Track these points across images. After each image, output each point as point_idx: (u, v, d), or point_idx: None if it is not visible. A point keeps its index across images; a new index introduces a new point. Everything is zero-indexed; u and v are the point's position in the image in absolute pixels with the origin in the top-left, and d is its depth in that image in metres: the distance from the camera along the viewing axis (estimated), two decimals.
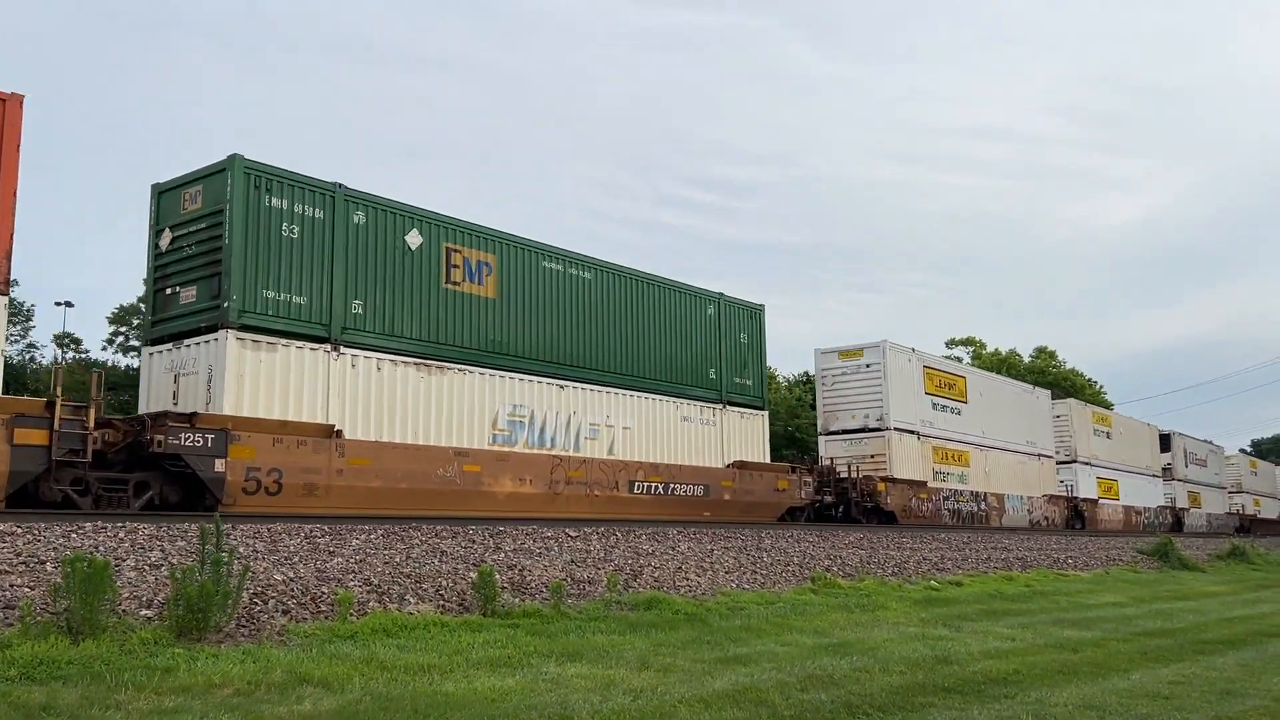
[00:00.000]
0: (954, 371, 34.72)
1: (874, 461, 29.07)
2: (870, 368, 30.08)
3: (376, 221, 17.35)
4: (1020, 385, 40.24)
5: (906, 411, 30.21)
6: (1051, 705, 7.86)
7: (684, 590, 14.09)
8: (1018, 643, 11.61)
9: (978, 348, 75.34)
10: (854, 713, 7.31)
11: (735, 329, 25.35)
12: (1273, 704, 8.33)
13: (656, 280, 23.30)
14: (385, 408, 16.96)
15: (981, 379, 36.39)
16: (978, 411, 34.24)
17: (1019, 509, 35.68)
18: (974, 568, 21.33)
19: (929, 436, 31.30)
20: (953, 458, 32.39)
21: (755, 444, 25.28)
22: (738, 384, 24.99)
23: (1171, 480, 53.79)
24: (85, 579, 8.02)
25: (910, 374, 30.89)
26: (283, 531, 12.13)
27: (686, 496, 21.99)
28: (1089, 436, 44.21)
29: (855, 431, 30.11)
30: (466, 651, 9.02)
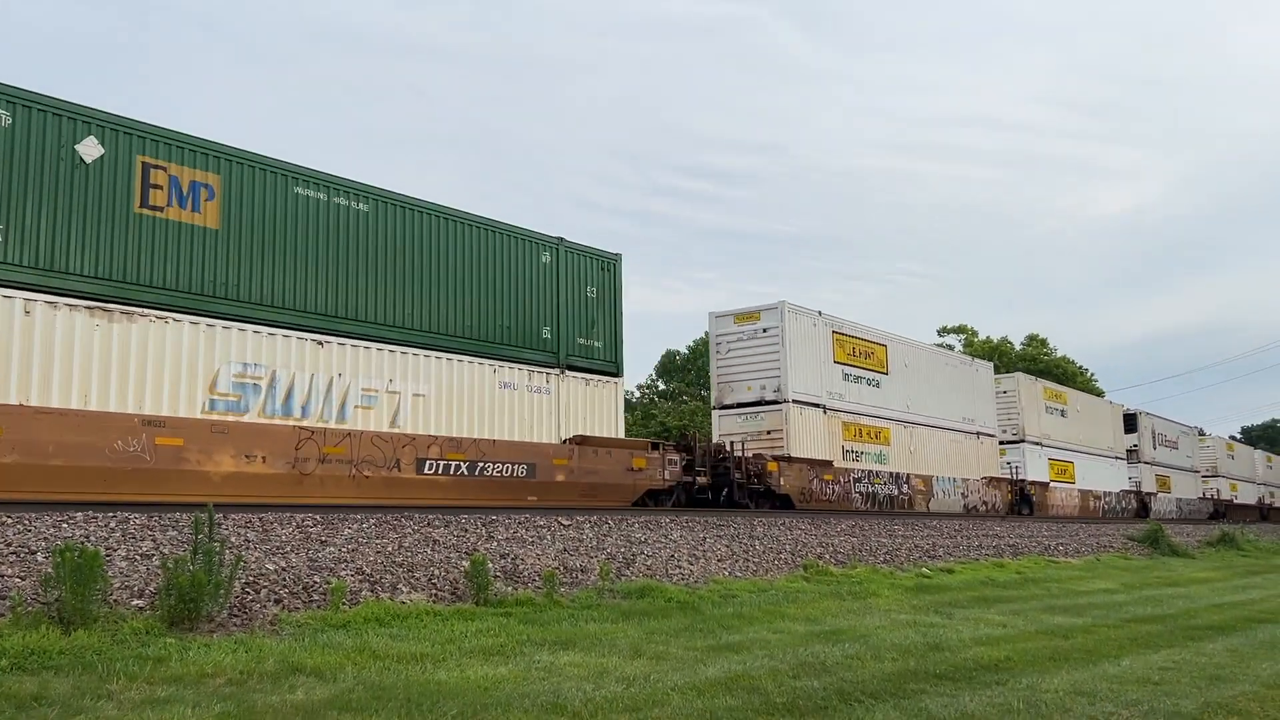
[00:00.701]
0: (871, 339, 30.24)
1: (770, 438, 25.65)
2: (767, 332, 26.36)
3: (31, 124, 13.67)
4: (956, 357, 36.22)
5: (810, 382, 26.67)
6: (1043, 691, 7.89)
7: (677, 578, 14.12)
8: (1009, 629, 11.66)
9: (969, 336, 75.48)
10: (846, 700, 7.34)
11: (580, 281, 21.41)
12: (1262, 689, 8.39)
13: (466, 219, 19.27)
14: (37, 363, 13.26)
15: (907, 349, 32.07)
16: (901, 384, 30.85)
17: (950, 492, 32.40)
18: (966, 555, 21.41)
19: (838, 411, 27.70)
20: (869, 435, 28.92)
21: (605, 415, 21.42)
22: (583, 346, 21.16)
23: (1138, 463, 50.62)
24: (76, 569, 8.00)
25: (815, 340, 27.29)
26: (274, 521, 12.12)
27: (501, 478, 18.28)
28: (1039, 414, 40.64)
29: (751, 405, 26.41)
30: (459, 640, 9.03)
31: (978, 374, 36.32)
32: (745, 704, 7.06)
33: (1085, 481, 43.17)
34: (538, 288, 20.49)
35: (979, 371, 36.66)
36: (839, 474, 26.98)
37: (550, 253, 20.95)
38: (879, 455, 29.29)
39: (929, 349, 34.76)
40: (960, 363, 35.97)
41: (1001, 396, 38.59)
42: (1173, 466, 55.15)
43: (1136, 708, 7.40)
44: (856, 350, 29.30)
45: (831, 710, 7.02)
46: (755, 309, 26.71)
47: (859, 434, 28.63)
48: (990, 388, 36.81)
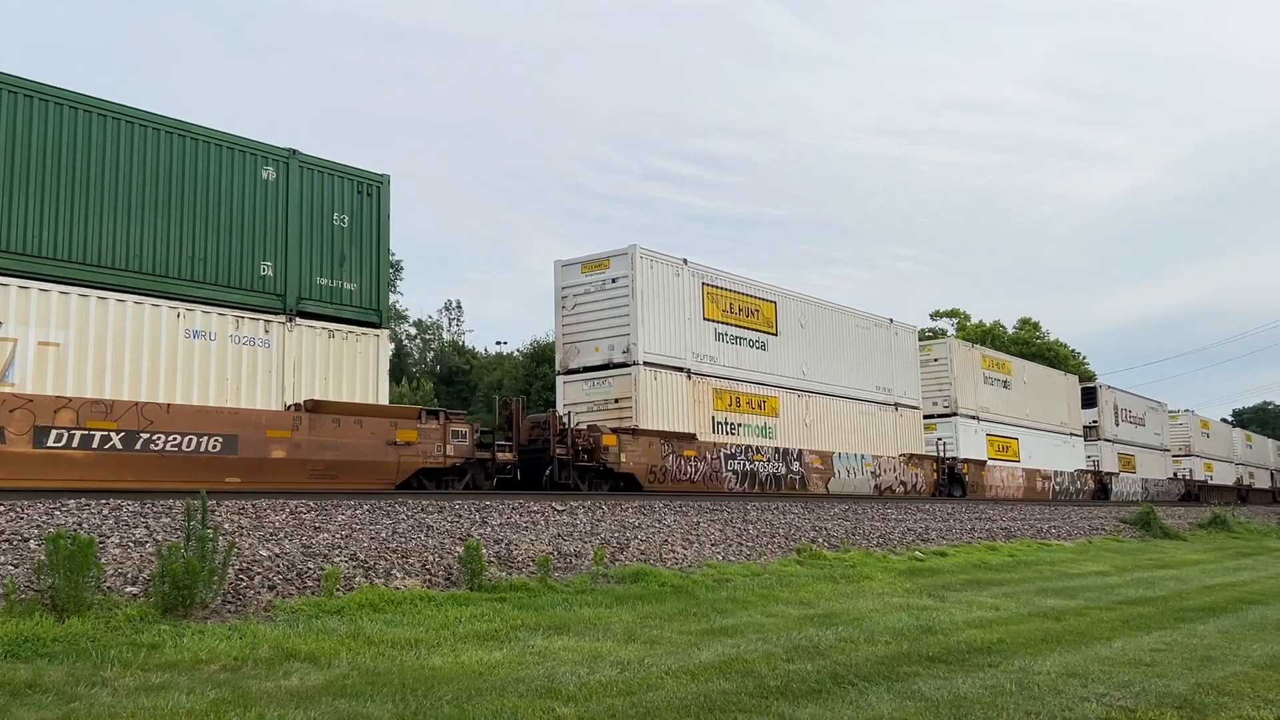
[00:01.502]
0: (756, 294, 25.89)
1: (619, 409, 21.87)
2: (617, 283, 22.34)
3: None
4: (871, 318, 30.86)
5: (670, 341, 22.73)
6: (1035, 673, 7.93)
7: (670, 563, 14.15)
8: (1001, 612, 11.71)
9: (962, 320, 75.61)
10: (840, 683, 7.37)
11: (323, 206, 16.96)
12: (1252, 670, 8.44)
13: (142, 118, 15.07)
14: None
15: (803, 306, 27.68)
16: (796, 347, 26.89)
17: (857, 471, 28.48)
18: (958, 538, 21.50)
19: (707, 376, 23.66)
20: (751, 405, 24.90)
21: (360, 376, 17.08)
22: (325, 288, 16.77)
23: (1097, 440, 46.41)
24: (69, 556, 8.00)
25: (678, 292, 23.27)
26: (268, 507, 12.11)
27: (180, 453, 14.32)
28: (976, 385, 36.11)
29: (598, 369, 22.45)
30: (453, 625, 9.04)
31: (897, 338, 31.97)
32: (739, 687, 7.08)
33: (1032, 460, 39.04)
34: (254, 211, 16.18)
35: (899, 336, 32.14)
36: (705, 450, 22.98)
37: (276, 167, 16.56)
38: (763, 429, 25.23)
39: (834, 308, 29.35)
40: (875, 325, 30.97)
41: (931, 365, 34.70)
42: (1139, 444, 51.37)
43: (1128, 689, 7.44)
44: (735, 306, 25.08)
45: (825, 693, 7.05)
46: (604, 255, 22.79)
47: (735, 403, 24.46)
48: (914, 355, 32.78)
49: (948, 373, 34.86)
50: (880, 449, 29.96)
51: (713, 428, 23.71)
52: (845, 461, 28.04)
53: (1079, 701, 6.98)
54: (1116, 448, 48.27)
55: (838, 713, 6.51)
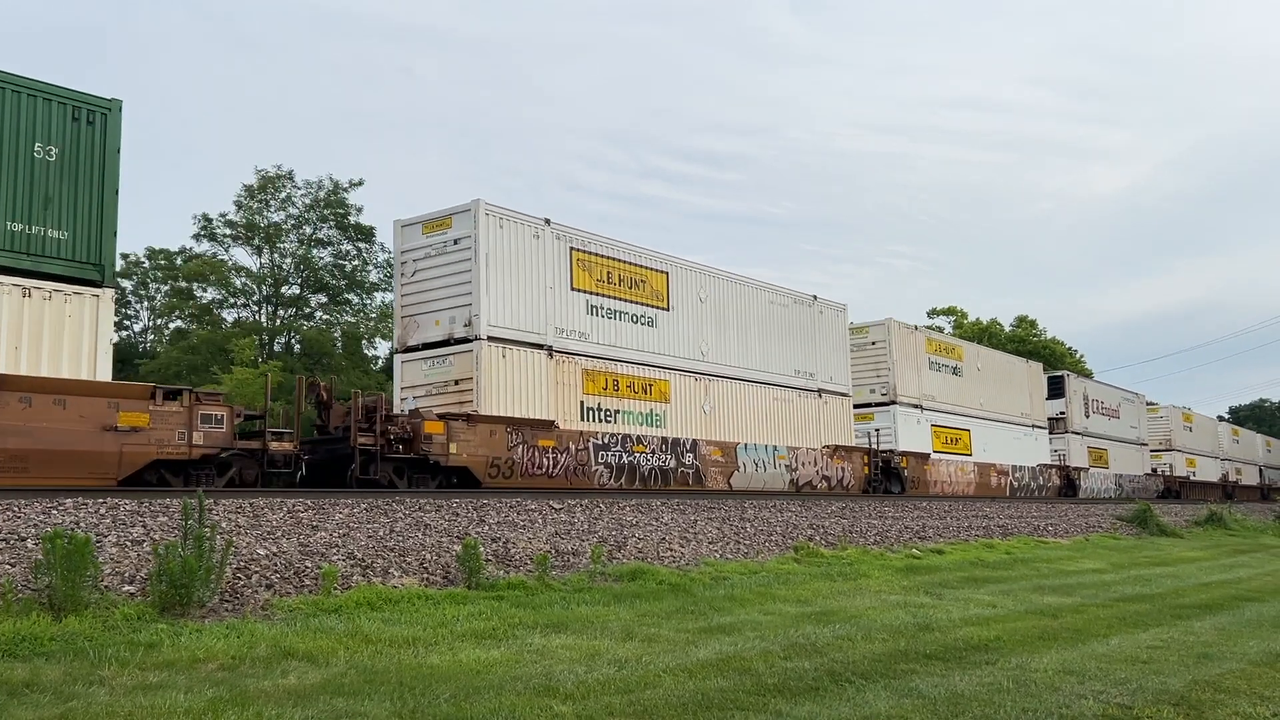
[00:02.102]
0: (641, 263, 22.63)
1: (459, 391, 18.73)
2: (459, 245, 19.11)
3: None
4: (790, 295, 27.53)
5: (523, 313, 19.60)
6: (1032, 671, 7.95)
7: (668, 561, 14.16)
8: (999, 610, 11.73)
9: (959, 317, 75.66)
10: (837, 680, 7.38)
11: (17, 134, 13.78)
12: (1248, 667, 8.46)
13: None
14: None
15: (702, 278, 24.43)
16: (691, 323, 23.75)
17: (768, 464, 25.07)
18: (955, 536, 21.52)
19: (576, 354, 20.51)
20: (633, 389, 21.71)
21: (70, 346, 13.95)
22: (18, 235, 13.67)
23: (1064, 433, 43.42)
24: (66, 555, 7.99)
25: (538, 257, 20.06)
26: (265, 507, 12.10)
27: None
28: (920, 372, 32.92)
29: (438, 346, 19.26)
30: (451, 624, 9.04)
31: (822, 317, 28.69)
32: (737, 685, 7.09)
33: (987, 453, 35.91)
34: None
35: (824, 315, 28.80)
36: (568, 440, 19.75)
37: None
38: (650, 416, 22.05)
39: (743, 281, 26.02)
40: (796, 302, 27.62)
41: (867, 349, 31.69)
42: (1112, 438, 48.18)
43: (1125, 686, 7.46)
44: (615, 276, 21.82)
45: (823, 691, 7.06)
46: (446, 212, 19.58)
47: (613, 387, 21.25)
48: (843, 336, 29.60)
49: (886, 357, 31.63)
50: (799, 440, 26.52)
51: (582, 414, 20.44)
52: (753, 454, 24.58)
53: (1076, 699, 6.99)
54: (1086, 441, 45.14)
55: (835, 710, 6.51)
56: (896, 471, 30.32)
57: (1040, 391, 41.55)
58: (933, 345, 34.40)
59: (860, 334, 31.72)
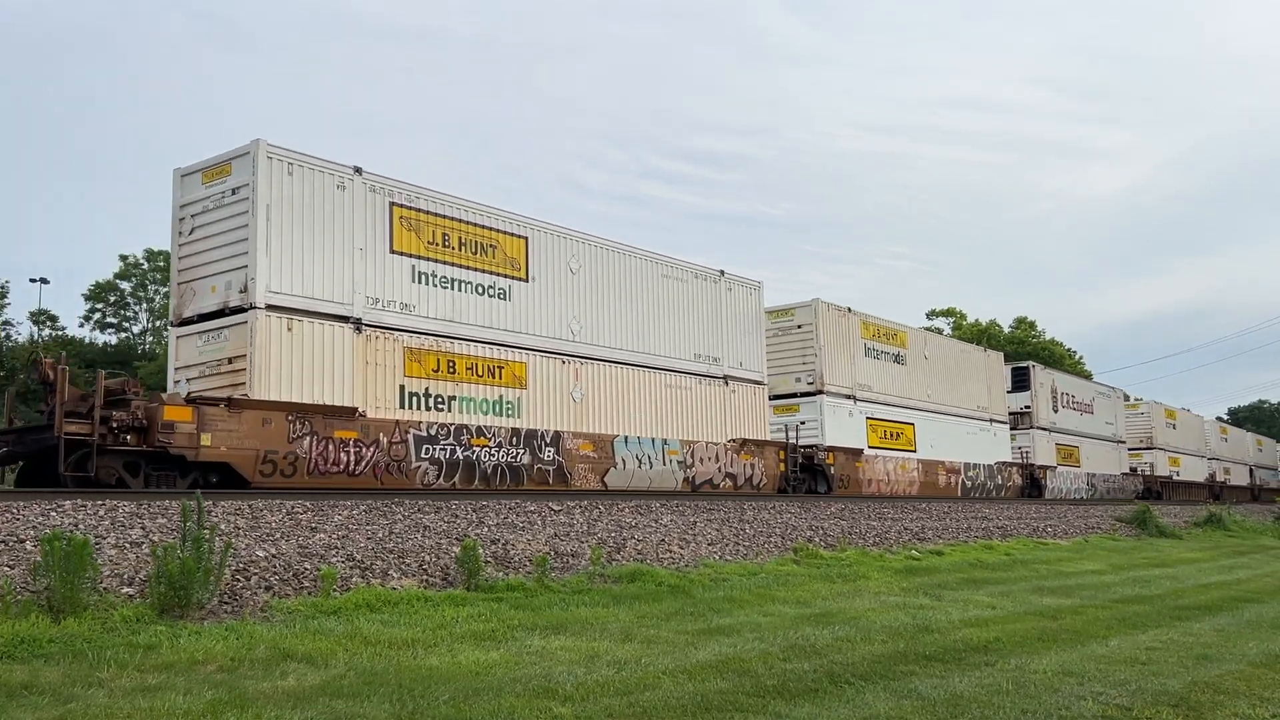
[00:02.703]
0: (489, 225, 19.33)
1: (233, 370, 15.50)
2: (237, 195, 15.93)
3: None
4: (688, 268, 24.14)
5: (321, 279, 16.32)
6: (1031, 672, 7.95)
7: (667, 562, 14.15)
8: (998, 611, 11.73)
9: (959, 318, 75.71)
10: (836, 682, 7.38)
11: None
12: (1248, 668, 8.46)
13: None
14: None
15: (573, 245, 21.18)
16: (558, 297, 20.55)
17: (657, 460, 21.81)
18: (955, 537, 21.52)
19: (395, 329, 17.28)
20: (476, 371, 18.52)
21: None
22: None
23: (1029, 428, 40.31)
24: (65, 557, 7.98)
25: (343, 213, 16.82)
26: (264, 508, 12.10)
27: None
28: (854, 359, 29.65)
29: (214, 316, 15.99)
30: (450, 625, 9.04)
31: (731, 295, 25.32)
32: (736, 687, 7.09)
33: (935, 450, 32.71)
34: None
35: (733, 292, 25.41)
36: (378, 430, 16.61)
37: None
38: (500, 404, 18.85)
39: (629, 251, 22.74)
40: (697, 277, 24.37)
41: (791, 334, 28.53)
42: (1084, 435, 44.76)
43: (1124, 688, 7.46)
44: (453, 238, 18.61)
45: (822, 692, 7.06)
46: (227, 156, 16.31)
47: (448, 368, 18.13)
48: (758, 317, 26.22)
49: (812, 342, 28.27)
50: (698, 433, 23.29)
51: (402, 400, 17.25)
52: (635, 448, 21.32)
53: (1075, 700, 6.99)
54: (1055, 437, 41.88)
55: (835, 712, 6.51)
56: (821, 469, 27.04)
57: (1001, 383, 38.13)
58: (870, 330, 30.83)
59: (783, 316, 28.61)
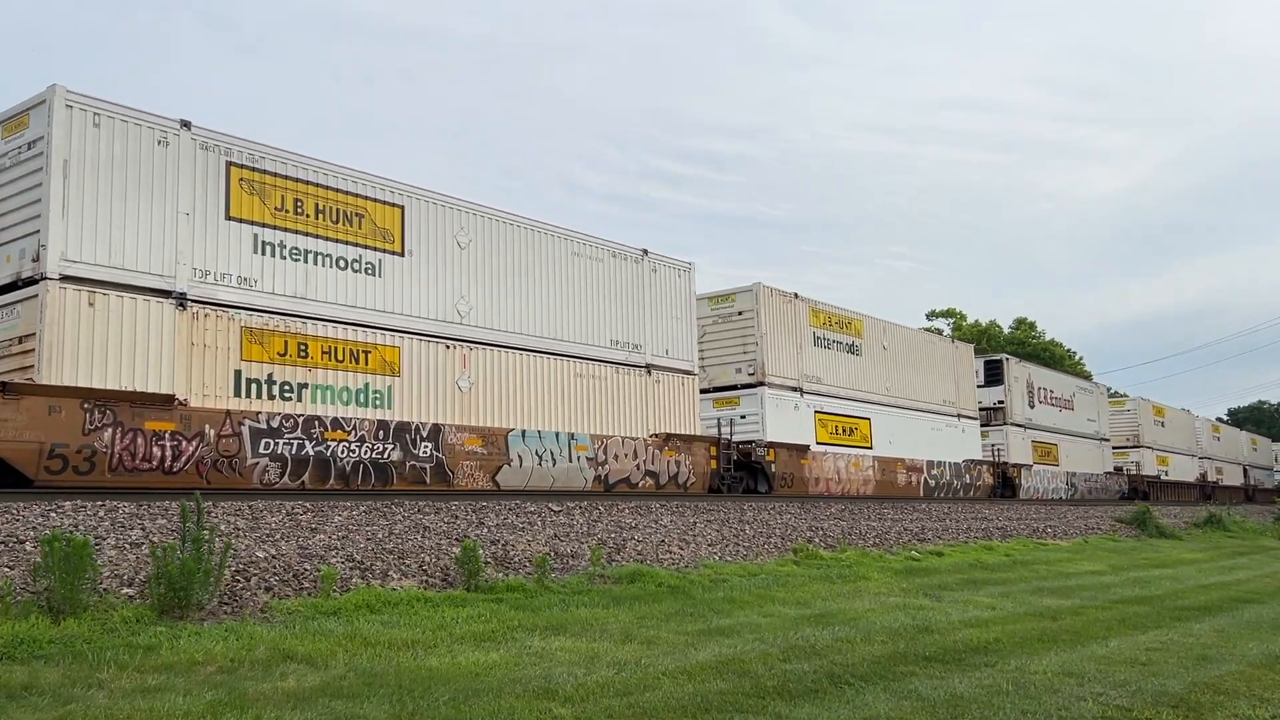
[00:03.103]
0: (355, 192, 17.02)
1: (23, 351, 13.57)
2: (33, 149, 13.93)
3: None
4: (604, 246, 21.84)
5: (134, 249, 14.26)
6: (1031, 673, 7.95)
7: (667, 563, 14.16)
8: (998, 611, 11.73)
9: (958, 319, 75.69)
10: (836, 682, 7.38)
11: None
12: (1248, 669, 8.46)
13: None
14: None
15: (464, 217, 18.84)
16: (443, 275, 18.17)
17: (561, 456, 19.49)
18: (955, 538, 21.52)
19: (229, 306, 15.22)
20: (338, 357, 16.40)
21: None
22: None
23: (1003, 424, 38.14)
24: (65, 558, 7.98)
25: (168, 173, 14.79)
26: (264, 509, 12.10)
27: None
28: (801, 348, 27.21)
29: (8, 289, 14.07)
30: (450, 626, 9.04)
31: (656, 276, 22.96)
32: (736, 687, 7.09)
33: (894, 446, 30.61)
34: None
35: (658, 273, 23.05)
36: (203, 421, 14.53)
37: None
38: (364, 393, 16.58)
39: (532, 226, 20.37)
40: (614, 256, 22.05)
41: (732, 320, 26.29)
42: (1064, 431, 42.52)
43: (1124, 688, 7.46)
44: (308, 205, 16.40)
45: (822, 693, 7.06)
46: (25, 106, 14.35)
47: (298, 352, 15.91)
48: (688, 301, 23.78)
49: (753, 330, 25.89)
50: (615, 427, 21.03)
51: (238, 388, 15.20)
52: (536, 443, 19.08)
53: (1075, 701, 6.99)
54: (1031, 434, 39.65)
55: (834, 712, 6.51)
56: (760, 467, 24.70)
57: (970, 377, 35.94)
58: (820, 318, 28.39)
59: (723, 303, 26.48)
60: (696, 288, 24.53)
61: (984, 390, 38.12)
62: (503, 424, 18.76)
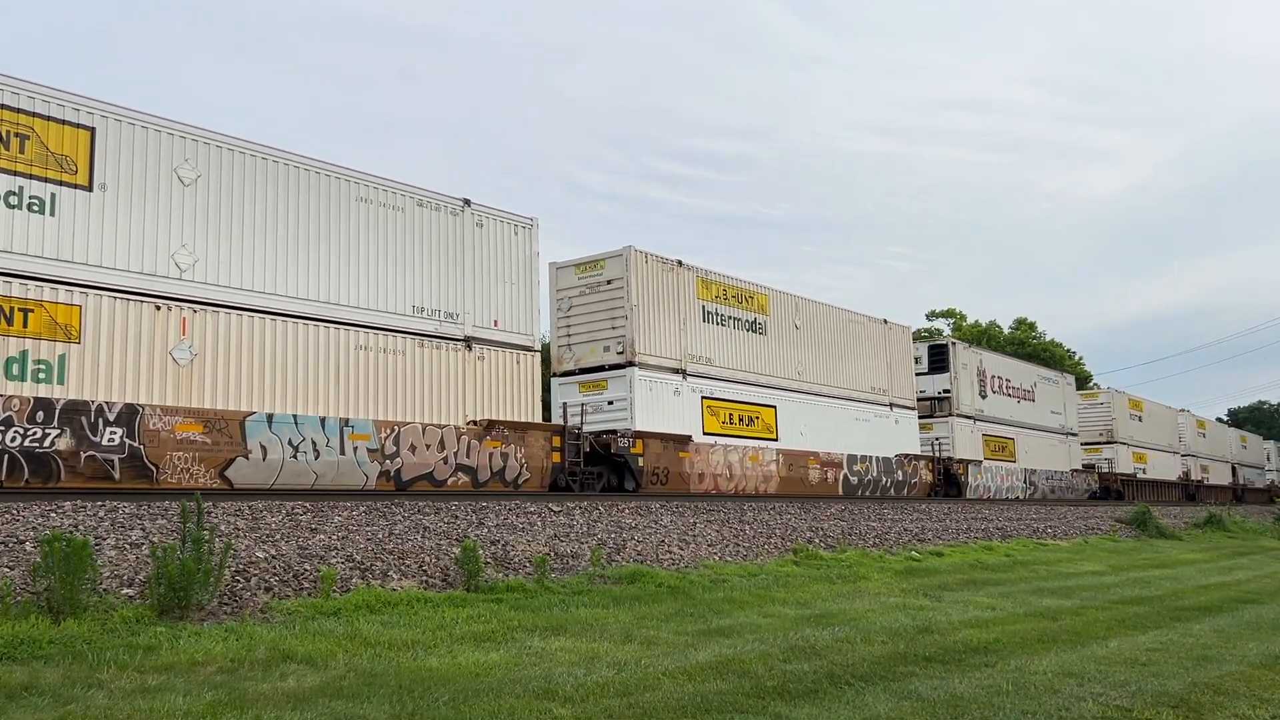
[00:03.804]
0: (17, 106, 13.47)
1: None
2: None
3: None
4: (406, 191, 18.18)
5: None
6: (1031, 673, 7.95)
7: (667, 563, 14.15)
8: (998, 612, 11.73)
9: (958, 320, 75.66)
10: (836, 683, 7.37)
11: None
12: (1248, 669, 8.46)
13: None
14: None
15: (191, 148, 15.32)
16: (153, 215, 14.60)
17: (326, 447, 15.95)
18: (955, 538, 21.52)
19: None
20: None
21: None
22: None
23: (949, 416, 34.16)
24: (65, 558, 7.99)
25: None
26: (264, 509, 12.10)
27: None
28: (687, 325, 23.20)
29: None
30: (450, 627, 9.04)
31: (457, 224, 18.95)
32: (736, 688, 7.09)
33: (807, 438, 26.48)
34: None
35: (484, 229, 19.46)
36: None
37: None
38: (18, 362, 12.98)
39: (274, 157, 16.46)
40: (422, 206, 18.38)
41: (600, 291, 22.22)
42: (1021, 424, 38.64)
43: (1124, 689, 7.46)
44: None
45: (822, 693, 7.05)
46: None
47: None
48: (526, 265, 20.18)
49: (622, 302, 22.01)
50: (416, 412, 17.57)
51: None
52: (289, 431, 15.50)
53: (1075, 701, 6.99)
54: (981, 427, 35.59)
55: (834, 713, 6.51)
56: (623, 462, 21.09)
57: (908, 363, 32.46)
58: (713, 289, 24.29)
59: (591, 270, 22.62)
60: (540, 247, 20.61)
61: (927, 378, 34.44)
62: (238, 406, 15.11)
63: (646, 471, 21.33)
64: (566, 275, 22.93)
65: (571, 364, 22.32)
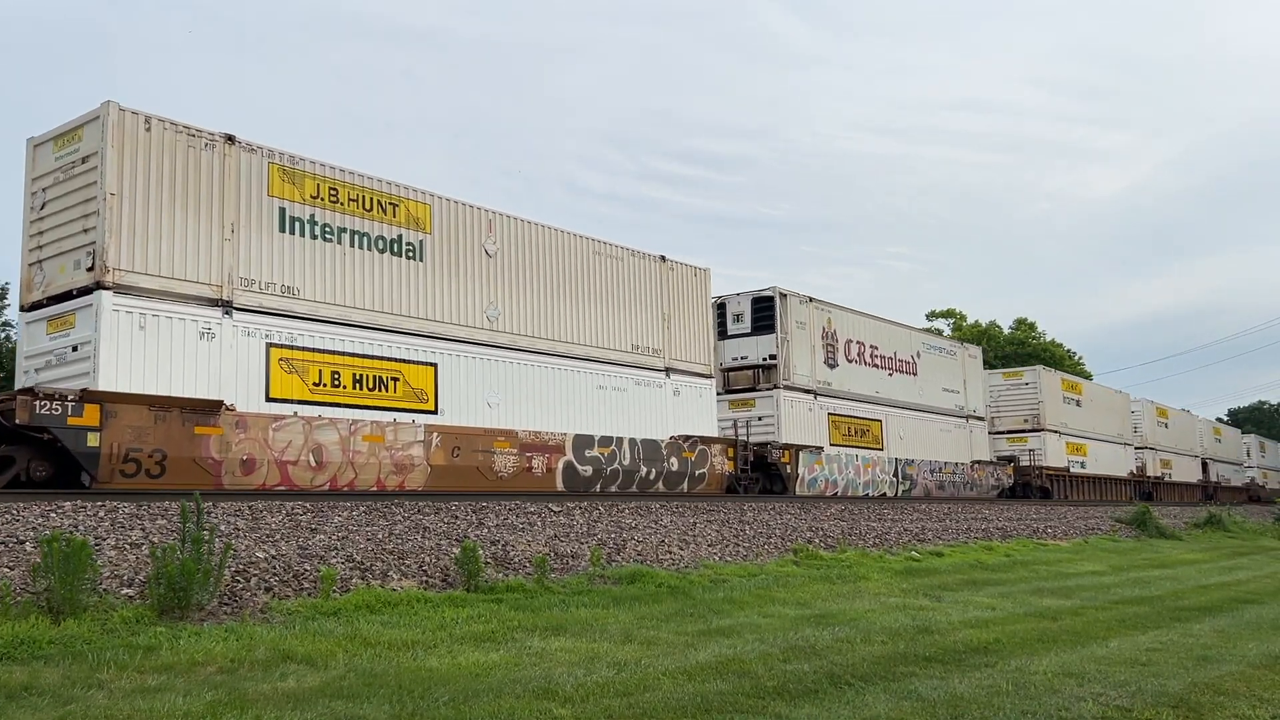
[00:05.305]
0: None
1: None
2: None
3: None
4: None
5: None
6: (1031, 673, 7.94)
7: (667, 563, 14.15)
8: (998, 612, 11.73)
9: (958, 319, 75.64)
10: (836, 683, 7.37)
11: None
12: (1248, 669, 8.46)
13: None
14: None
15: None
16: None
17: None
18: (955, 538, 21.52)
19: None
20: None
21: None
22: None
23: (773, 389, 26.34)
24: (65, 558, 7.98)
25: None
26: (264, 509, 12.10)
27: None
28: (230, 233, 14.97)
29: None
30: (450, 627, 9.04)
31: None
32: (736, 688, 7.09)
33: (499, 414, 18.64)
34: None
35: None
36: None
37: None
38: None
39: None
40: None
41: (71, 176, 14.37)
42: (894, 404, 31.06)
43: (1124, 689, 7.45)
44: None
45: (822, 693, 7.05)
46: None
47: None
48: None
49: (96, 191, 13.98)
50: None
51: None
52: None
53: (1075, 701, 6.99)
54: (829, 405, 28.03)
55: (834, 713, 6.51)
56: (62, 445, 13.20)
57: (701, 315, 24.28)
58: (306, 186, 16.25)
59: (70, 144, 14.48)
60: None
61: (748, 340, 26.92)
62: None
63: (101, 455, 13.26)
64: (44, 156, 15.01)
65: (40, 292, 14.62)
